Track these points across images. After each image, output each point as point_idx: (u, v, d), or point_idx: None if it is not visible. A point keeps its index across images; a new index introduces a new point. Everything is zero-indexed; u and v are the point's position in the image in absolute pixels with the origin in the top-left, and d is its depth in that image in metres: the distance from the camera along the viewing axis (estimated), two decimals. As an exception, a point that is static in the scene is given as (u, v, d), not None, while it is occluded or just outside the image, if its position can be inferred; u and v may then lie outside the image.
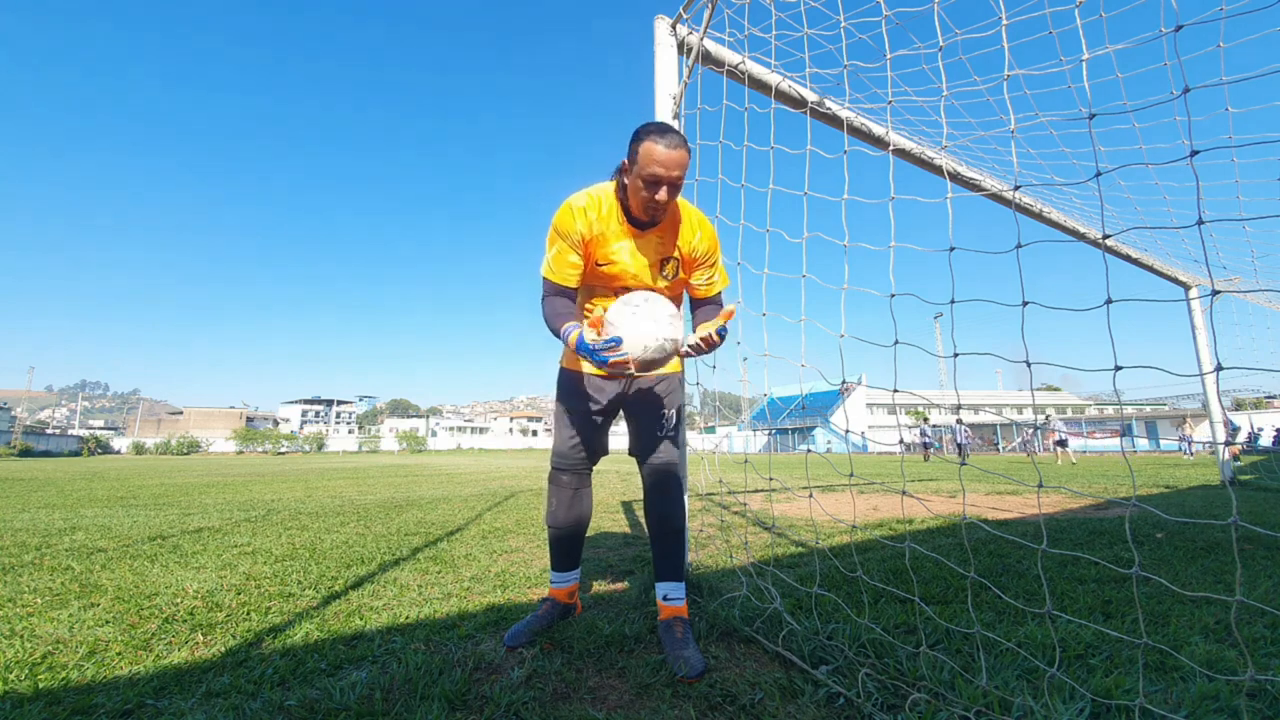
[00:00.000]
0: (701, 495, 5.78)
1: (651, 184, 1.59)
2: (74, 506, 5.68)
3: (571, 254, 1.72)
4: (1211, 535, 3.28)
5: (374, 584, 2.44)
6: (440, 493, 7.21)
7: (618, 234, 1.74)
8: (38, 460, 32.69)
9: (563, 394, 1.91)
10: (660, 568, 1.81)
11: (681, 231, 1.80)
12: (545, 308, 1.72)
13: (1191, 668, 1.44)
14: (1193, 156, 1.10)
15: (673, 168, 1.58)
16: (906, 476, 3.86)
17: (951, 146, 3.62)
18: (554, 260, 1.73)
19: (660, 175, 1.57)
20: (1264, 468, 10.24)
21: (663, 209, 1.66)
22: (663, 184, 1.59)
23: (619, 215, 1.74)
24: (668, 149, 1.57)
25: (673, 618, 1.71)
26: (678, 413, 1.94)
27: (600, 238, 1.73)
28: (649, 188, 1.60)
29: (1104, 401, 58.04)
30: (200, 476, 11.62)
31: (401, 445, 75.38)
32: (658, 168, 1.57)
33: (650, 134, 1.59)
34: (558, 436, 1.92)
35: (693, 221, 1.82)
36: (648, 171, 1.58)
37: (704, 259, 1.83)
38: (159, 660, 1.61)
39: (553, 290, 1.74)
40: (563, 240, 1.72)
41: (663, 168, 1.57)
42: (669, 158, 1.57)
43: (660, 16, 2.56)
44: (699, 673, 1.47)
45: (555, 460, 1.91)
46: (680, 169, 1.60)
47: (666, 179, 1.58)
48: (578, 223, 1.71)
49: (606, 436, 1.96)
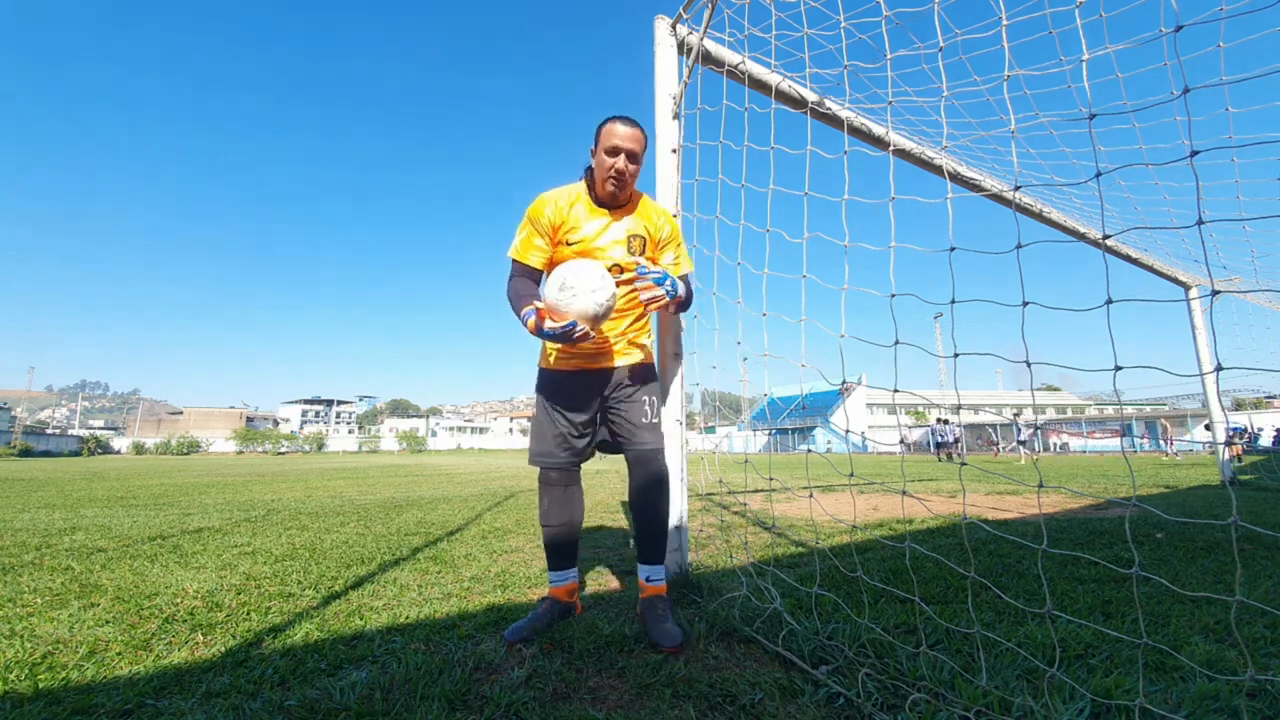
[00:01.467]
0: (701, 495, 5.78)
1: (611, 153, 1.84)
2: (74, 506, 5.68)
3: (538, 238, 1.91)
4: (1211, 535, 3.28)
5: (374, 584, 2.44)
6: (440, 493, 7.21)
7: (586, 216, 1.93)
8: (38, 460, 32.70)
9: (545, 393, 1.96)
10: (643, 551, 1.93)
11: (648, 215, 2.01)
12: (510, 288, 1.89)
13: (1191, 668, 1.44)
14: (1193, 157, 1.10)
15: (628, 140, 1.84)
16: (906, 476, 3.85)
17: (952, 147, 3.62)
18: (521, 244, 1.92)
19: (619, 145, 1.83)
20: (1264, 468, 10.24)
21: (624, 180, 1.86)
22: (621, 152, 1.83)
23: (588, 201, 1.95)
24: (625, 126, 1.85)
25: (654, 596, 1.85)
26: (657, 402, 1.99)
27: (568, 221, 1.92)
28: (610, 156, 1.84)
29: (1104, 401, 58.04)
30: (200, 476, 11.63)
31: (401, 445, 75.38)
32: (616, 139, 1.83)
33: (611, 119, 1.87)
34: (540, 437, 1.96)
35: (657, 209, 2.05)
36: (609, 143, 1.83)
37: (668, 240, 2.03)
38: (159, 660, 1.61)
39: (519, 271, 1.92)
40: (532, 225, 1.92)
41: (620, 139, 1.83)
42: (626, 132, 1.84)
43: (660, 16, 2.56)
44: (678, 643, 1.62)
45: (541, 460, 1.94)
46: (635, 143, 1.85)
47: (624, 148, 1.83)
48: (546, 209, 1.91)
49: (593, 434, 1.99)
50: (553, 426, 1.93)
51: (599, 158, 1.87)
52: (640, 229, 1.97)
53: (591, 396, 1.94)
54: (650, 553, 1.92)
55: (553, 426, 1.93)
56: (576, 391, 1.93)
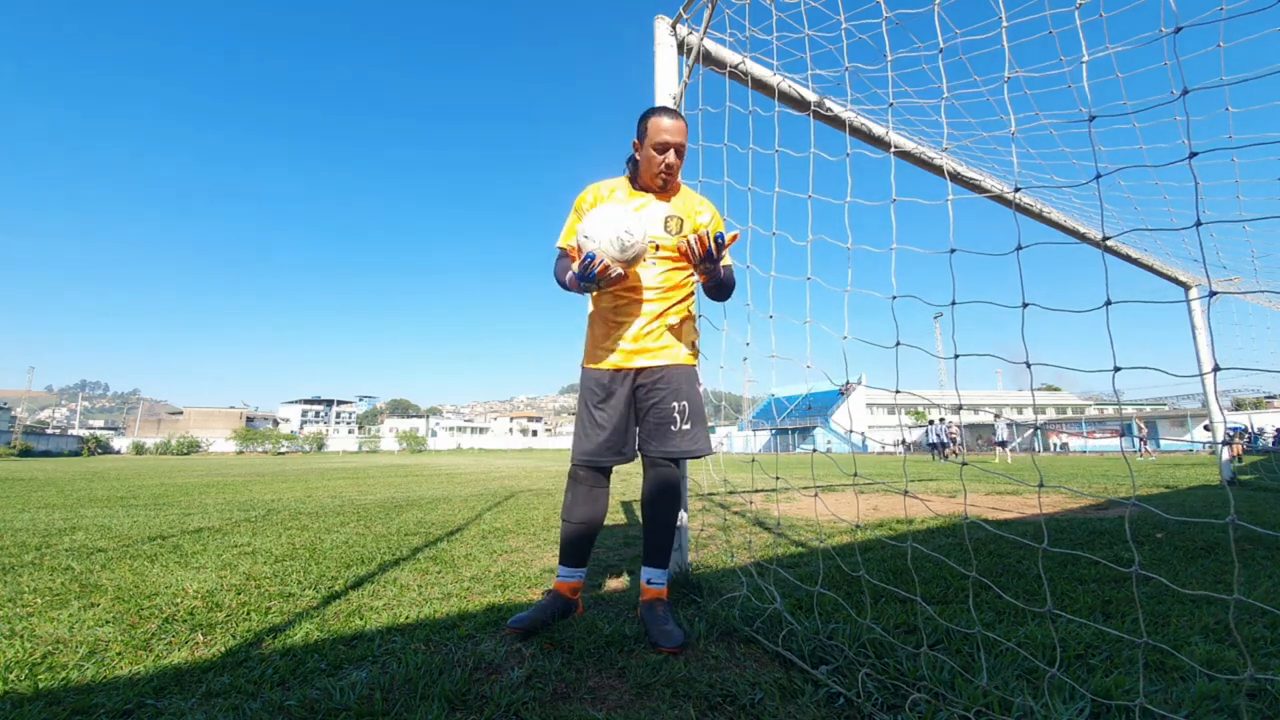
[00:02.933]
0: (702, 495, 5.78)
1: (661, 149, 1.89)
2: (74, 506, 5.68)
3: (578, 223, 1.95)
4: (1211, 535, 3.28)
5: (374, 584, 2.44)
6: (440, 493, 7.21)
7: (625, 199, 1.99)
8: (38, 460, 32.70)
9: (584, 392, 1.99)
10: (648, 554, 1.95)
11: (688, 200, 2.06)
12: (556, 269, 1.99)
13: (1191, 667, 1.44)
14: (1192, 158, 1.10)
15: (676, 134, 1.89)
16: (907, 476, 3.87)
17: (952, 148, 3.62)
18: (565, 232, 2.03)
19: (668, 140, 1.88)
20: (1264, 468, 10.24)
21: (672, 173, 1.92)
22: (670, 147, 1.89)
23: (629, 187, 2.02)
24: (672, 120, 1.90)
25: (654, 599, 1.86)
26: (690, 407, 1.95)
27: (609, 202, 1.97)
28: (660, 152, 1.89)
29: (1104, 401, 58.02)
30: (200, 476, 11.63)
31: (401, 445, 75.34)
32: (665, 135, 1.87)
33: (655, 112, 1.93)
34: (577, 434, 1.98)
35: (697, 196, 2.10)
36: (658, 140, 1.88)
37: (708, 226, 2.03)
38: (159, 660, 1.61)
39: (560, 256, 2.01)
40: (574, 213, 2.02)
41: (669, 134, 1.88)
42: (674, 125, 1.89)
43: (660, 16, 2.56)
44: (679, 644, 1.63)
45: (574, 457, 1.96)
46: (682, 136, 1.91)
47: (673, 143, 1.88)
48: (589, 195, 2.01)
49: (629, 435, 1.96)
50: (590, 425, 1.94)
51: (646, 152, 1.92)
52: (678, 212, 2.00)
53: (628, 396, 1.94)
54: (655, 557, 1.93)
55: (590, 425, 1.94)
56: (613, 391, 1.93)
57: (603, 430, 1.91)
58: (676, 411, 1.92)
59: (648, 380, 1.93)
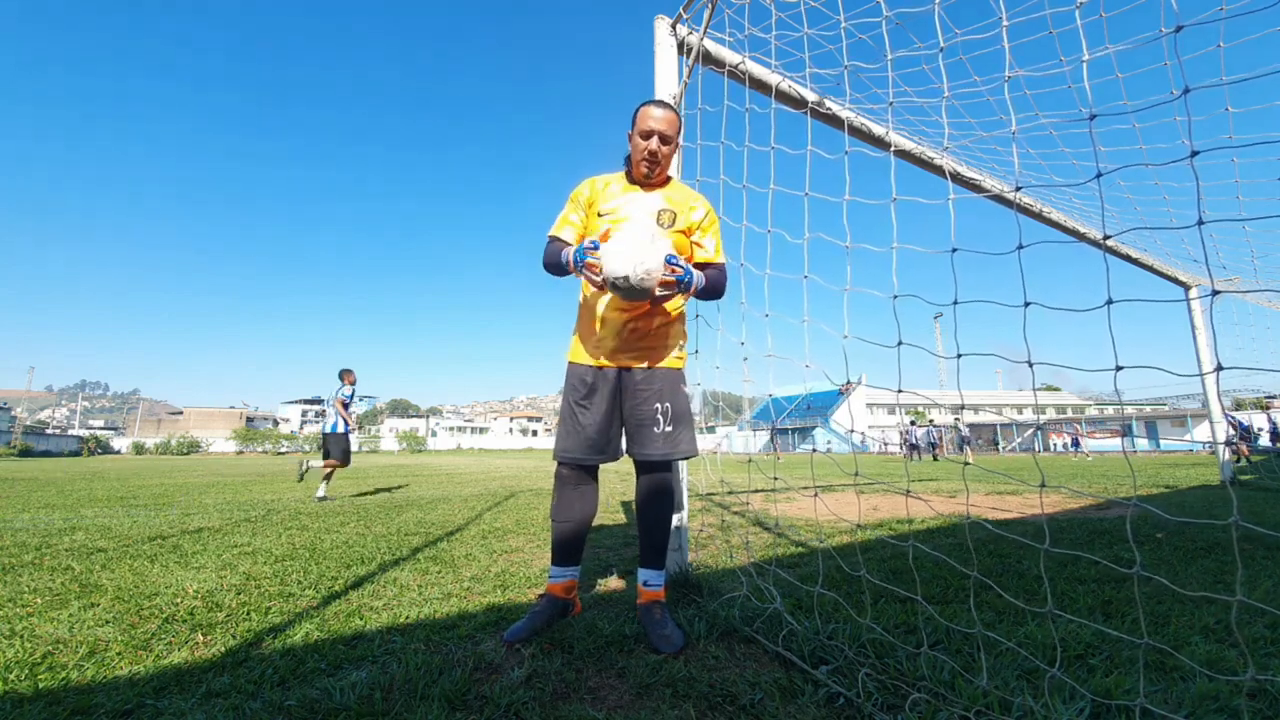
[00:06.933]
0: (701, 495, 5.78)
1: (645, 135, 1.92)
2: (74, 506, 5.68)
3: (574, 213, 2.02)
4: (1211, 535, 3.28)
5: (374, 584, 2.44)
6: (440, 493, 7.21)
7: (619, 191, 2.01)
8: (38, 460, 32.68)
9: (568, 388, 1.98)
10: (643, 556, 1.94)
11: (681, 196, 2.05)
12: (545, 255, 1.99)
13: (1192, 668, 1.44)
14: (1193, 157, 1.10)
15: (660, 122, 1.92)
16: (909, 476, 3.86)
17: (953, 148, 3.62)
18: (557, 221, 2.03)
19: (652, 127, 1.91)
20: (1264, 468, 10.24)
21: (656, 160, 1.94)
22: (654, 134, 1.91)
23: (623, 181, 2.05)
24: (659, 109, 1.94)
25: (651, 602, 1.85)
26: (673, 409, 1.93)
27: (602, 195, 2.01)
28: (644, 138, 1.92)
29: (1104, 401, 58.00)
30: (200, 476, 11.63)
31: (401, 445, 75.33)
32: (650, 122, 1.92)
33: (646, 103, 1.98)
34: (562, 432, 1.95)
35: (691, 193, 2.09)
36: (643, 126, 1.92)
37: (706, 226, 2.04)
38: (159, 660, 1.61)
39: (550, 243, 2.01)
40: (570, 203, 2.04)
41: (653, 121, 1.92)
42: (660, 114, 1.93)
43: (660, 16, 2.56)
44: (679, 647, 1.64)
45: (558, 455, 1.94)
46: (667, 125, 1.92)
47: (657, 130, 1.91)
48: (585, 187, 2.04)
49: (613, 434, 1.94)
50: (571, 422, 1.92)
51: (634, 140, 1.96)
52: (671, 205, 2.00)
53: (612, 395, 1.92)
54: (651, 558, 1.92)
55: (571, 422, 1.92)
56: (597, 388, 1.92)
57: (584, 429, 1.90)
58: (660, 413, 1.90)
59: (631, 382, 1.93)
